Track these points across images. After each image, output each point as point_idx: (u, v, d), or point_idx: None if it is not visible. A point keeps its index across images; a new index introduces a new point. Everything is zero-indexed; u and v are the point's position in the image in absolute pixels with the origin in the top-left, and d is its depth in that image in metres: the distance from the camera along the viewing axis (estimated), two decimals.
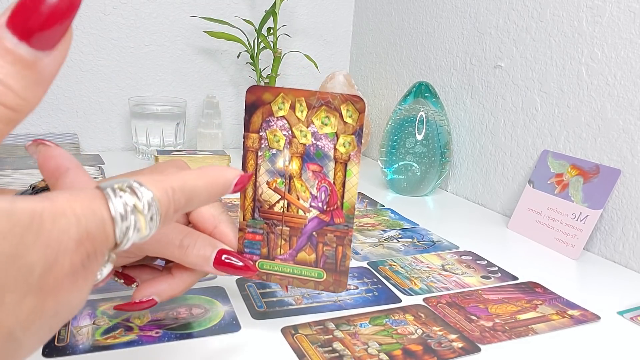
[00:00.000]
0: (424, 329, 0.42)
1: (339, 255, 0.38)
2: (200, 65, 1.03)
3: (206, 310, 0.43)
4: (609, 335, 0.44)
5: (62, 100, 0.94)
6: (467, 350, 0.40)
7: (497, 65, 0.75)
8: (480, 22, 0.78)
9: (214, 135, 0.98)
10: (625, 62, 0.58)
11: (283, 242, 0.38)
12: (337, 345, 0.39)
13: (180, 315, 0.42)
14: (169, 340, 0.39)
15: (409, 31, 0.94)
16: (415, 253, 0.58)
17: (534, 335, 0.43)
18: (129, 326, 0.40)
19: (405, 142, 0.77)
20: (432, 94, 0.79)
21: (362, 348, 0.39)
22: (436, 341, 0.41)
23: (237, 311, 0.43)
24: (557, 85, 0.67)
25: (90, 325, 0.40)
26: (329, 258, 0.38)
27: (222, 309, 0.43)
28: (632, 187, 0.58)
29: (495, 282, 0.52)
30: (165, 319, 0.41)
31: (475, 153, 0.80)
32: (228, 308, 0.44)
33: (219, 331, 0.40)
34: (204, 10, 0.99)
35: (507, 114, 0.74)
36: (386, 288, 0.49)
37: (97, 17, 0.93)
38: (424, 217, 0.71)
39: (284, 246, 0.38)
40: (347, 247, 0.38)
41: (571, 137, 0.65)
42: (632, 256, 0.58)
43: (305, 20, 1.09)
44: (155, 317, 0.41)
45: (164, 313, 0.42)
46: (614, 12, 0.59)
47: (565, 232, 0.61)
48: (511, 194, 0.74)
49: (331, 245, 0.38)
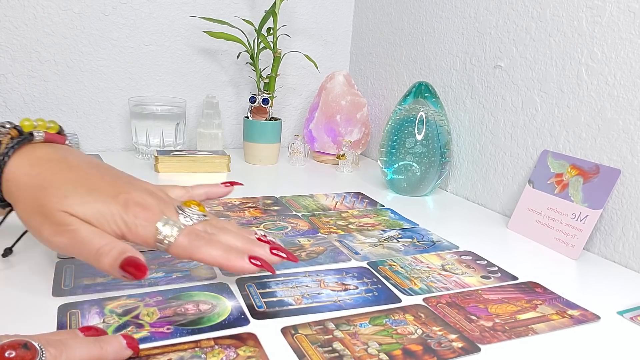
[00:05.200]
0: (424, 329, 0.42)
1: None
2: (200, 65, 1.03)
3: (213, 306, 0.43)
4: (608, 335, 0.44)
5: (62, 100, 0.94)
6: (467, 350, 0.40)
7: (497, 65, 0.75)
8: (480, 22, 0.78)
9: (213, 135, 0.98)
10: (625, 62, 0.58)
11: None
12: (337, 345, 0.39)
13: (189, 312, 0.42)
14: (181, 335, 0.39)
15: (408, 31, 0.94)
16: (415, 253, 0.58)
17: (534, 335, 0.43)
18: (139, 323, 0.40)
19: (405, 142, 0.78)
20: (432, 94, 0.79)
21: (362, 348, 0.39)
22: (436, 341, 0.41)
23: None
24: (557, 85, 0.67)
25: (100, 324, 0.40)
26: None
27: (229, 304, 0.44)
28: (632, 187, 0.58)
29: (495, 282, 0.52)
30: (174, 316, 0.41)
31: (475, 153, 0.80)
32: (234, 303, 0.44)
33: (229, 325, 0.41)
34: (204, 10, 0.99)
35: (507, 114, 0.74)
36: (386, 288, 0.49)
37: (97, 17, 0.93)
38: (423, 217, 0.71)
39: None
40: None
41: (571, 137, 0.65)
42: (632, 256, 0.58)
43: (305, 20, 1.09)
44: (163, 314, 0.42)
45: (171, 310, 0.42)
46: (614, 12, 0.59)
47: (565, 232, 0.61)
48: (511, 194, 0.74)
49: None
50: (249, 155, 0.97)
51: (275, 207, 0.71)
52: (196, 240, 0.41)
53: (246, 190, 0.78)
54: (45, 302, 0.42)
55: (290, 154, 0.98)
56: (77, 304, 0.42)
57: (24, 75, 0.90)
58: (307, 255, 0.55)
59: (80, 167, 0.43)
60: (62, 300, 0.43)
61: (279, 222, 0.65)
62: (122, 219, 0.40)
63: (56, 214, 0.39)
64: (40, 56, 0.91)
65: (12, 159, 0.41)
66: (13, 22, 0.88)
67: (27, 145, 0.43)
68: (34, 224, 0.40)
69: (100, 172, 0.43)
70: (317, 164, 1.01)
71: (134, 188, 0.43)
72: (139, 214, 0.40)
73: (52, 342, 0.31)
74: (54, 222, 0.39)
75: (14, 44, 0.88)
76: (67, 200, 0.39)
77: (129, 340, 0.35)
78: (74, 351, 0.32)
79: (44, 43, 0.90)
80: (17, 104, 0.91)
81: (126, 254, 0.38)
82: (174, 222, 0.41)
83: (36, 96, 0.92)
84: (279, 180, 0.88)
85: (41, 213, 0.39)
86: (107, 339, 0.34)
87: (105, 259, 0.38)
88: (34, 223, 0.40)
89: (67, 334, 0.34)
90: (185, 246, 0.41)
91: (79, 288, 0.45)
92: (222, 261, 0.42)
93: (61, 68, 0.92)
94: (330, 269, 0.53)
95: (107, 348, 0.33)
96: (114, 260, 0.38)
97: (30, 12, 0.88)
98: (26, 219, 0.41)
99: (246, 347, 0.38)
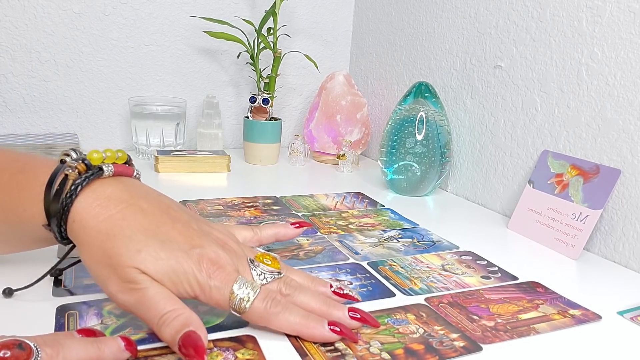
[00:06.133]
0: (426, 328, 0.42)
1: None
2: (200, 65, 1.03)
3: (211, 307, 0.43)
4: (609, 335, 0.44)
5: (62, 100, 0.94)
6: (468, 350, 0.40)
7: (497, 66, 0.75)
8: (480, 22, 0.78)
9: (214, 135, 0.98)
10: (625, 62, 0.58)
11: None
12: (339, 344, 0.39)
13: None
14: None
15: (409, 31, 0.94)
16: (415, 253, 0.58)
17: (536, 335, 0.43)
18: (138, 325, 0.40)
19: (405, 142, 0.78)
20: (432, 94, 0.79)
21: (364, 347, 0.39)
22: (438, 340, 0.41)
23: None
24: (557, 85, 0.67)
25: (98, 325, 0.40)
26: None
27: None
28: (632, 187, 0.58)
29: (495, 282, 0.52)
30: None
31: (475, 153, 0.80)
32: None
33: (227, 327, 0.40)
34: (204, 10, 0.99)
35: (507, 114, 0.74)
36: (379, 283, 0.50)
37: (97, 17, 0.93)
38: (423, 217, 0.71)
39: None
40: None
41: (571, 137, 0.65)
42: (632, 256, 0.58)
43: (305, 20, 1.09)
44: None
45: None
46: (614, 12, 0.59)
47: (565, 232, 0.61)
48: (511, 194, 0.74)
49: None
50: (249, 155, 0.97)
51: (275, 206, 0.71)
52: (273, 306, 0.38)
53: (246, 190, 0.78)
54: (45, 303, 0.42)
55: (290, 154, 0.98)
56: (75, 305, 0.42)
57: (24, 75, 0.90)
58: (305, 254, 0.56)
59: (152, 212, 0.40)
60: (61, 300, 0.43)
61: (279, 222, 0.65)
62: (196, 278, 0.37)
63: (126, 270, 0.36)
64: (40, 56, 0.90)
65: (79, 198, 0.38)
66: (13, 22, 0.88)
67: (96, 181, 0.40)
68: (100, 275, 0.37)
69: (171, 217, 0.40)
70: (317, 164, 1.01)
71: (207, 240, 0.40)
72: (214, 274, 0.38)
73: (48, 342, 0.31)
74: (122, 279, 0.36)
75: (14, 44, 0.88)
76: (140, 256, 0.36)
77: (126, 342, 0.34)
78: (71, 352, 0.31)
79: (44, 43, 0.90)
80: (17, 104, 0.91)
81: (189, 327, 0.35)
82: (249, 283, 0.38)
83: (36, 96, 0.92)
84: (279, 180, 0.88)
85: (109, 265, 0.37)
86: (104, 340, 0.34)
87: (167, 330, 0.35)
88: (101, 274, 0.37)
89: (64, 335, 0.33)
90: (262, 313, 0.38)
91: (80, 288, 0.45)
92: (301, 329, 0.39)
93: (61, 68, 0.92)
94: (324, 266, 0.53)
95: (105, 349, 0.33)
96: (175, 333, 0.35)
97: (30, 12, 0.88)
98: (92, 268, 0.38)
99: (245, 350, 0.38)
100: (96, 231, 0.37)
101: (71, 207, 0.38)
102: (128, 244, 0.37)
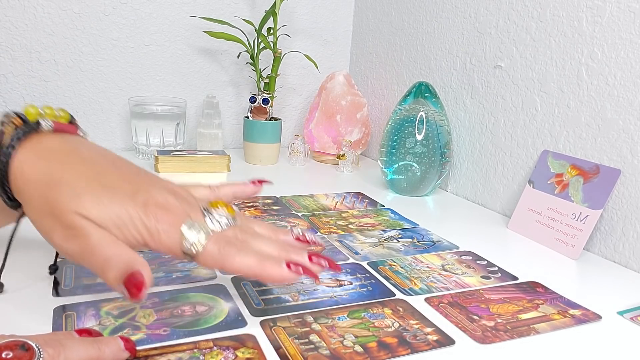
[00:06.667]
0: (401, 322, 0.43)
1: None
2: (200, 65, 1.03)
3: (210, 307, 0.43)
4: (609, 335, 0.44)
5: (62, 100, 0.94)
6: (441, 343, 0.40)
7: (497, 66, 0.75)
8: (480, 22, 0.78)
9: (214, 135, 0.98)
10: (625, 62, 0.58)
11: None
12: (313, 337, 0.39)
13: (185, 313, 0.42)
14: (178, 337, 0.39)
15: (409, 31, 0.94)
16: (415, 253, 0.58)
17: (536, 335, 0.43)
18: (136, 325, 0.40)
19: (405, 142, 0.77)
20: (432, 94, 0.79)
21: (337, 340, 0.39)
22: (412, 334, 0.41)
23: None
24: (557, 85, 0.67)
25: (96, 326, 0.40)
26: None
27: (226, 306, 0.44)
28: (632, 187, 0.58)
29: (495, 282, 0.52)
30: (171, 318, 0.41)
31: (475, 153, 0.80)
32: (232, 305, 0.44)
33: (226, 327, 0.40)
34: (204, 10, 0.99)
35: (507, 114, 0.74)
36: (379, 282, 0.50)
37: (97, 17, 0.93)
38: (423, 217, 0.71)
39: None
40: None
41: (571, 137, 0.65)
42: (632, 256, 0.58)
43: (305, 20, 1.09)
44: (160, 315, 0.41)
45: (168, 312, 0.42)
46: (614, 12, 0.59)
47: (565, 232, 0.61)
48: (511, 194, 0.74)
49: None
50: (249, 155, 0.97)
51: (276, 206, 0.71)
52: (227, 247, 0.37)
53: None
54: (45, 303, 0.42)
55: (290, 154, 0.98)
56: (73, 306, 0.42)
57: (24, 75, 0.90)
58: None
59: (94, 160, 0.38)
60: (59, 301, 0.43)
61: (279, 222, 0.65)
62: (143, 223, 0.36)
63: (68, 215, 0.35)
64: (40, 56, 0.90)
65: (18, 152, 0.37)
66: (13, 22, 0.88)
67: (34, 135, 0.38)
68: (45, 226, 0.36)
69: (116, 166, 0.39)
70: (317, 164, 1.01)
71: (155, 186, 0.38)
72: (161, 217, 0.36)
73: (49, 342, 0.31)
74: (65, 225, 0.35)
75: (14, 44, 0.88)
76: (80, 200, 0.35)
77: (126, 342, 0.34)
78: (72, 352, 0.31)
79: (44, 43, 0.90)
80: (17, 104, 0.91)
81: (133, 268, 0.34)
82: (200, 225, 0.37)
83: (36, 96, 0.92)
84: (279, 180, 0.88)
85: (52, 214, 0.35)
86: (104, 340, 0.34)
87: (111, 273, 0.34)
88: (45, 226, 0.36)
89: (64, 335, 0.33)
90: (215, 254, 0.37)
91: (79, 288, 0.45)
92: (257, 270, 0.37)
93: (61, 68, 0.92)
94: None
95: (105, 349, 0.33)
96: (120, 275, 0.34)
97: (30, 12, 0.88)
98: (37, 221, 0.37)
99: (245, 349, 0.38)
100: (36, 182, 0.36)
101: (10, 162, 0.37)
102: (69, 190, 0.35)
